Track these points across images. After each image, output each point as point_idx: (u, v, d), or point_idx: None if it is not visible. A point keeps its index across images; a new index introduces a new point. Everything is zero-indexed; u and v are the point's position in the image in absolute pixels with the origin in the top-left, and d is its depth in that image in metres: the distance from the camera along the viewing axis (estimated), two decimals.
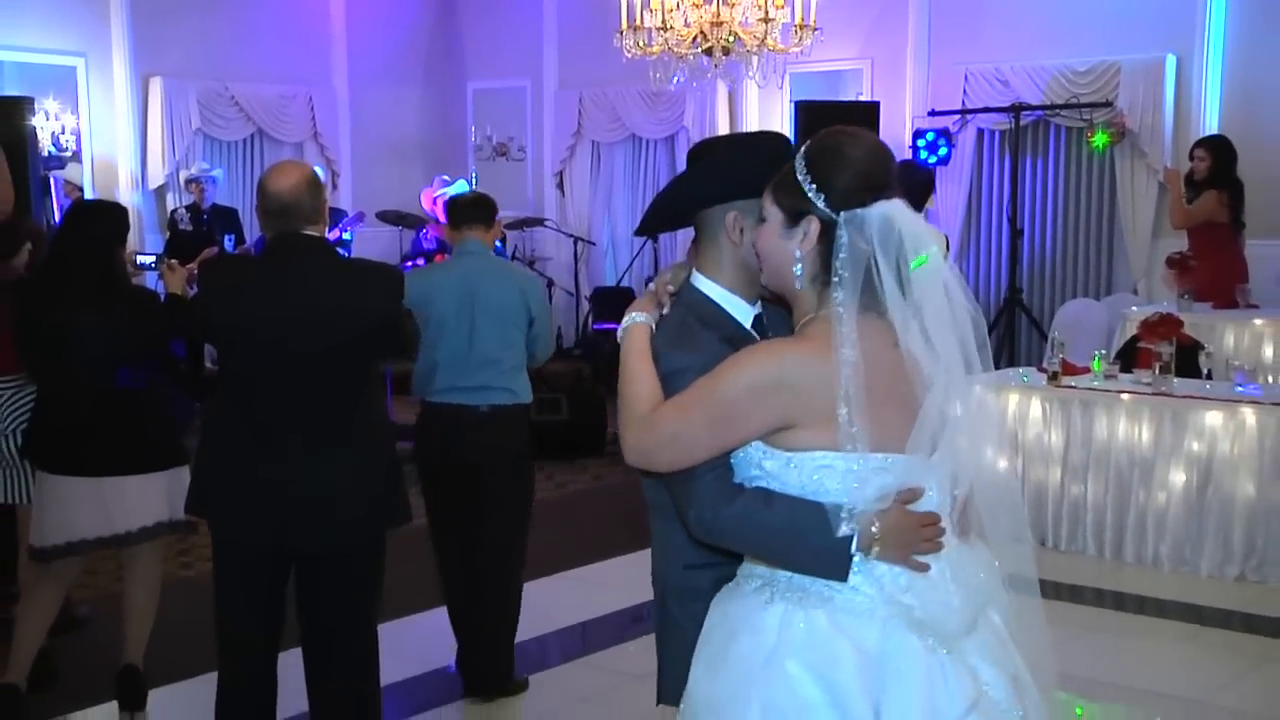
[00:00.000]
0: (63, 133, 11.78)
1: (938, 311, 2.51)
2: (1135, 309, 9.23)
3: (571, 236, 13.72)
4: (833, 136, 2.57)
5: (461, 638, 5.53)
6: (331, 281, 4.14)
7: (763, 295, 2.75)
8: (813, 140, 2.58)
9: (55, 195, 10.64)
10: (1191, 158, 9.36)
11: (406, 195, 13.86)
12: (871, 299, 2.48)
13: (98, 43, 11.97)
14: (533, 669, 5.66)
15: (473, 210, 5.53)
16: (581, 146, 14.07)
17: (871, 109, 11.13)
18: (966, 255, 11.79)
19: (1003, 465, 2.78)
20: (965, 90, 11.47)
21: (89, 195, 11.22)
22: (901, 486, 2.49)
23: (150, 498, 5.04)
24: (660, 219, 2.95)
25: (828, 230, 2.51)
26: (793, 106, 11.55)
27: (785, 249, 2.56)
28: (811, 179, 2.51)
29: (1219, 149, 9.23)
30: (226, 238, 11.23)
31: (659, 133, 13.54)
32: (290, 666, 4.41)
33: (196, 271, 4.93)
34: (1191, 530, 7.00)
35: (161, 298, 5.19)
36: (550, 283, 12.39)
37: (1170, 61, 10.54)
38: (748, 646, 2.50)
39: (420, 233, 13.14)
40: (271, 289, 4.10)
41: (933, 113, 11.54)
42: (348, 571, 4.25)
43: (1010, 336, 11.05)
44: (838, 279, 2.48)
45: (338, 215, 12.15)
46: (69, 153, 11.80)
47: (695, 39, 9.82)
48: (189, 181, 11.79)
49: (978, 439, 2.62)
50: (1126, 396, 7.19)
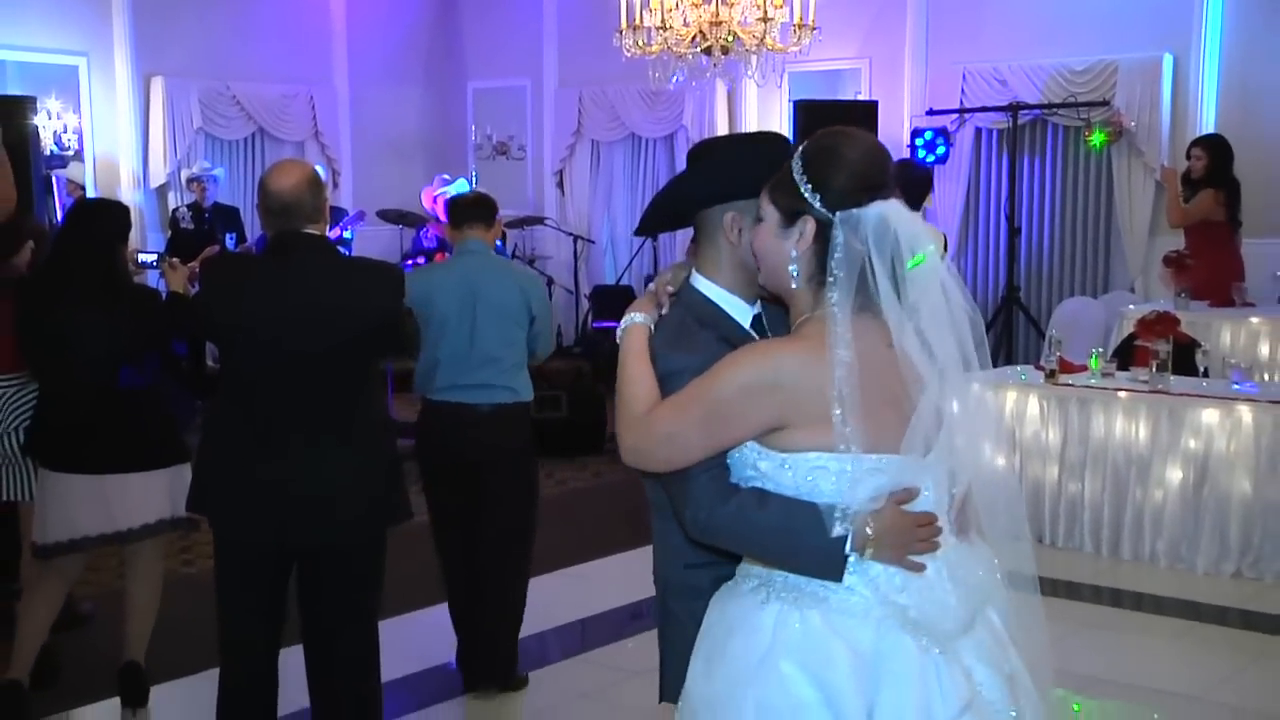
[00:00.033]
0: (65, 132, 11.78)
1: (935, 310, 2.50)
2: (1132, 307, 9.22)
3: (571, 235, 13.72)
4: (830, 137, 2.55)
5: (462, 635, 5.54)
6: (332, 280, 4.14)
7: (762, 295, 2.74)
8: (810, 141, 2.57)
9: (57, 194, 10.63)
10: (1188, 156, 9.36)
11: (407, 194, 13.87)
12: (867, 299, 2.47)
13: (99, 42, 11.98)
14: (533, 665, 5.66)
15: (473, 210, 5.54)
16: (581, 145, 14.07)
17: (870, 108, 11.12)
18: (964, 254, 11.80)
19: (1001, 463, 2.75)
20: (963, 89, 11.48)
21: (91, 194, 11.21)
22: (896, 487, 2.47)
23: (152, 495, 5.05)
24: (659, 219, 2.94)
25: (823, 230, 2.49)
26: (791, 106, 11.56)
27: (781, 249, 2.55)
28: (808, 179, 2.50)
29: (1216, 148, 9.23)
30: (228, 236, 11.25)
31: (658, 132, 13.54)
32: (292, 664, 4.41)
33: (198, 270, 4.93)
34: (1188, 527, 7.01)
35: (163, 296, 5.18)
36: (550, 281, 12.39)
37: (1167, 61, 10.56)
38: (743, 646, 2.49)
39: (421, 231, 13.15)
40: (272, 287, 4.10)
41: (931, 112, 11.55)
42: (348, 569, 4.25)
43: (1008, 335, 11.04)
44: (832, 279, 2.46)
45: (338, 214, 12.16)
46: (71, 152, 11.79)
47: (694, 38, 9.81)
48: (190, 180, 11.80)
49: (976, 437, 2.60)
50: (1123, 394, 7.20)
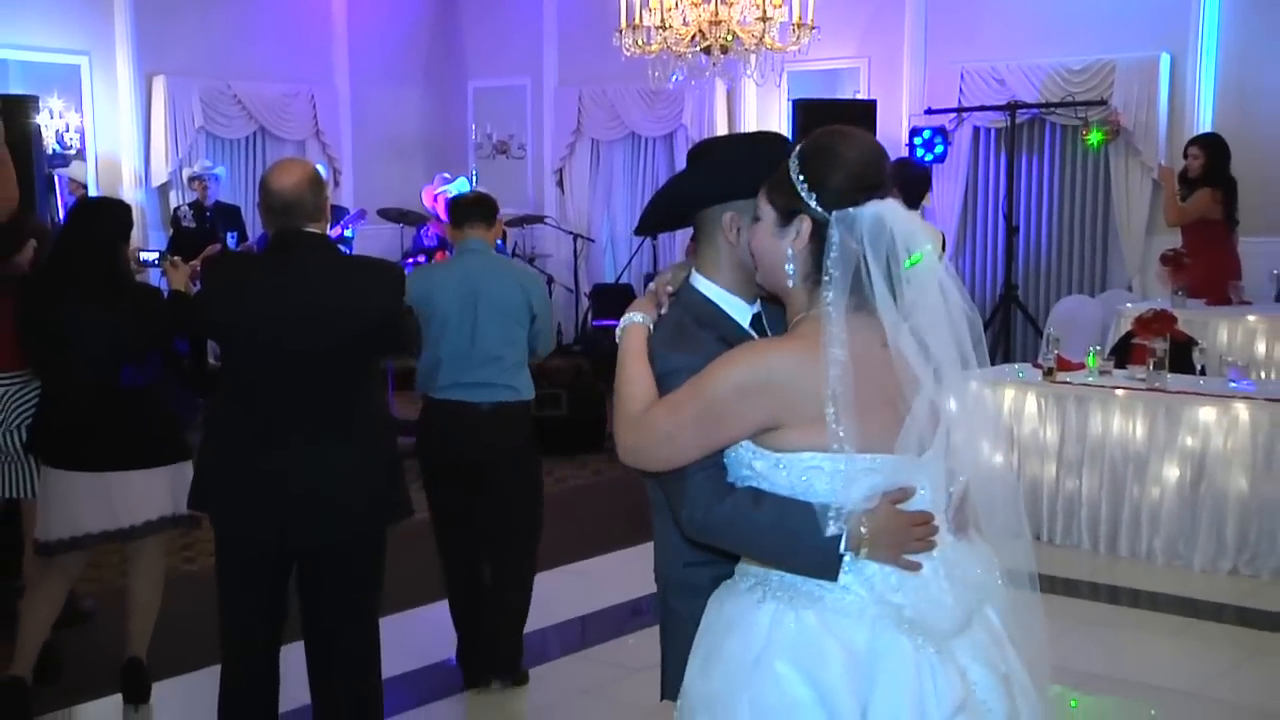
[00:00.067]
0: (67, 131, 11.80)
1: (933, 309, 2.49)
2: (1130, 305, 9.22)
3: (571, 234, 13.73)
4: (827, 136, 2.54)
5: (462, 632, 5.55)
6: (333, 279, 4.14)
7: (761, 295, 2.73)
8: (807, 140, 2.56)
9: (59, 193, 10.64)
10: (1185, 155, 9.37)
11: (407, 193, 13.89)
12: (862, 298, 2.46)
13: (101, 41, 12.00)
14: (533, 662, 5.67)
15: (474, 209, 5.55)
16: (581, 144, 14.08)
17: (868, 107, 11.11)
18: (962, 252, 11.81)
19: (999, 460, 2.74)
20: (961, 89, 11.50)
21: (93, 193, 11.22)
22: (891, 486, 2.47)
23: (153, 492, 5.06)
24: (659, 218, 2.93)
25: (819, 229, 2.48)
26: (790, 105, 11.56)
27: (778, 248, 2.54)
28: (804, 178, 2.49)
29: (1213, 147, 9.24)
30: (229, 235, 11.27)
31: (658, 131, 13.56)
32: (294, 661, 4.42)
33: (199, 268, 4.93)
34: (1185, 524, 7.02)
35: (165, 295, 5.19)
36: (550, 280, 12.38)
37: (1164, 60, 10.58)
38: (739, 645, 2.49)
39: (421, 230, 13.18)
40: (273, 286, 4.10)
41: (929, 111, 11.57)
42: (349, 568, 4.25)
43: (1006, 333, 11.06)
44: (828, 278, 2.45)
45: (339, 213, 12.18)
46: (73, 151, 11.81)
47: (694, 38, 9.83)
48: (192, 179, 11.82)
49: (974, 435, 2.60)
50: (1121, 392, 7.21)
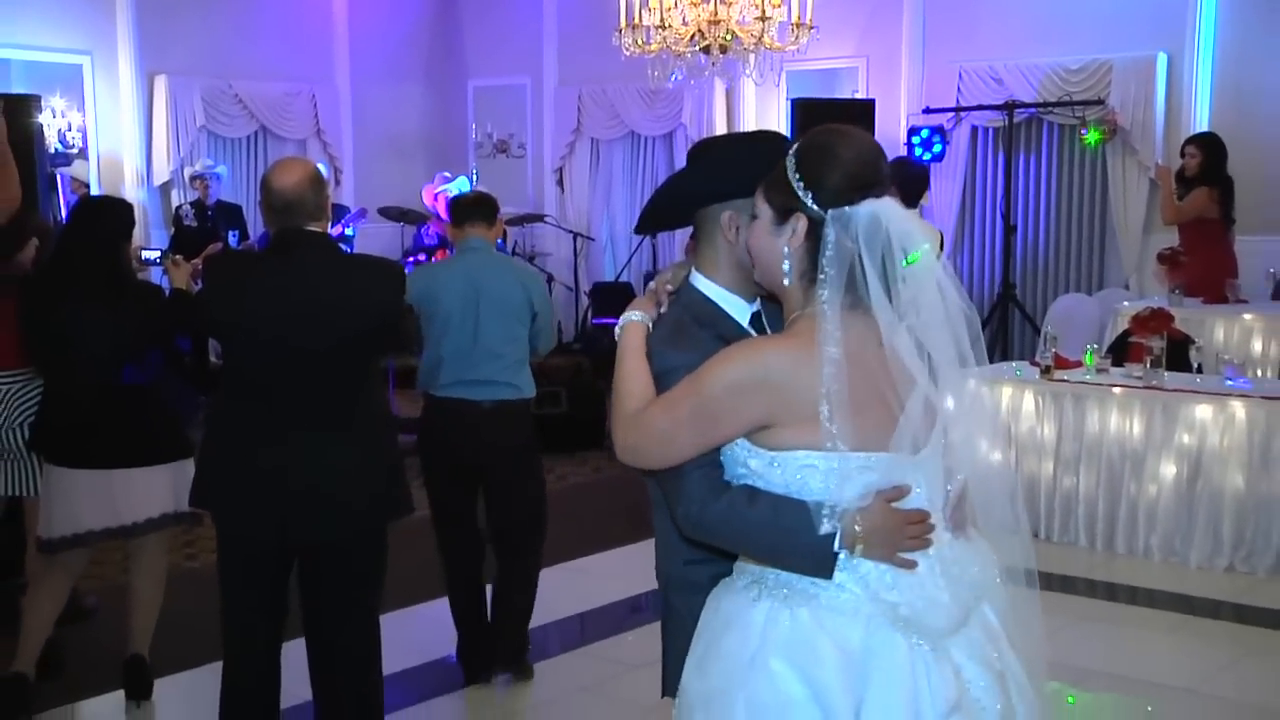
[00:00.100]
0: (69, 130, 11.82)
1: (931, 308, 2.48)
2: (1127, 304, 9.25)
3: (571, 232, 13.73)
4: (823, 135, 2.54)
5: (462, 629, 5.58)
6: (334, 277, 4.15)
7: (761, 293, 2.73)
8: (804, 138, 2.56)
9: (61, 192, 10.69)
10: (1182, 154, 9.38)
11: (408, 191, 13.91)
12: (857, 297, 2.46)
13: (103, 41, 12.02)
14: (533, 658, 5.68)
15: (475, 208, 5.58)
16: (581, 143, 14.08)
17: (867, 106, 11.10)
18: (961, 251, 11.82)
19: (997, 458, 2.73)
20: (959, 88, 11.51)
21: (95, 192, 11.23)
22: (886, 485, 2.46)
23: (156, 490, 5.08)
24: (658, 217, 2.94)
25: (815, 228, 2.48)
26: (789, 104, 11.55)
27: (774, 246, 2.54)
28: (801, 177, 2.48)
29: (1209, 146, 9.25)
30: (230, 233, 11.28)
31: (657, 130, 13.56)
32: (295, 657, 4.43)
33: (201, 267, 4.95)
34: (1182, 522, 7.04)
35: (166, 293, 5.22)
36: (550, 278, 12.39)
37: (1161, 60, 10.59)
38: (736, 643, 2.49)
39: (421, 228, 13.21)
40: (274, 285, 4.11)
41: (927, 110, 11.57)
42: (350, 565, 4.26)
43: (1003, 331, 11.07)
44: (823, 276, 2.45)
45: (340, 211, 12.20)
46: (75, 150, 11.83)
47: (693, 37, 9.83)
48: (193, 178, 11.83)
49: (972, 433, 2.59)
50: (1118, 390, 7.23)
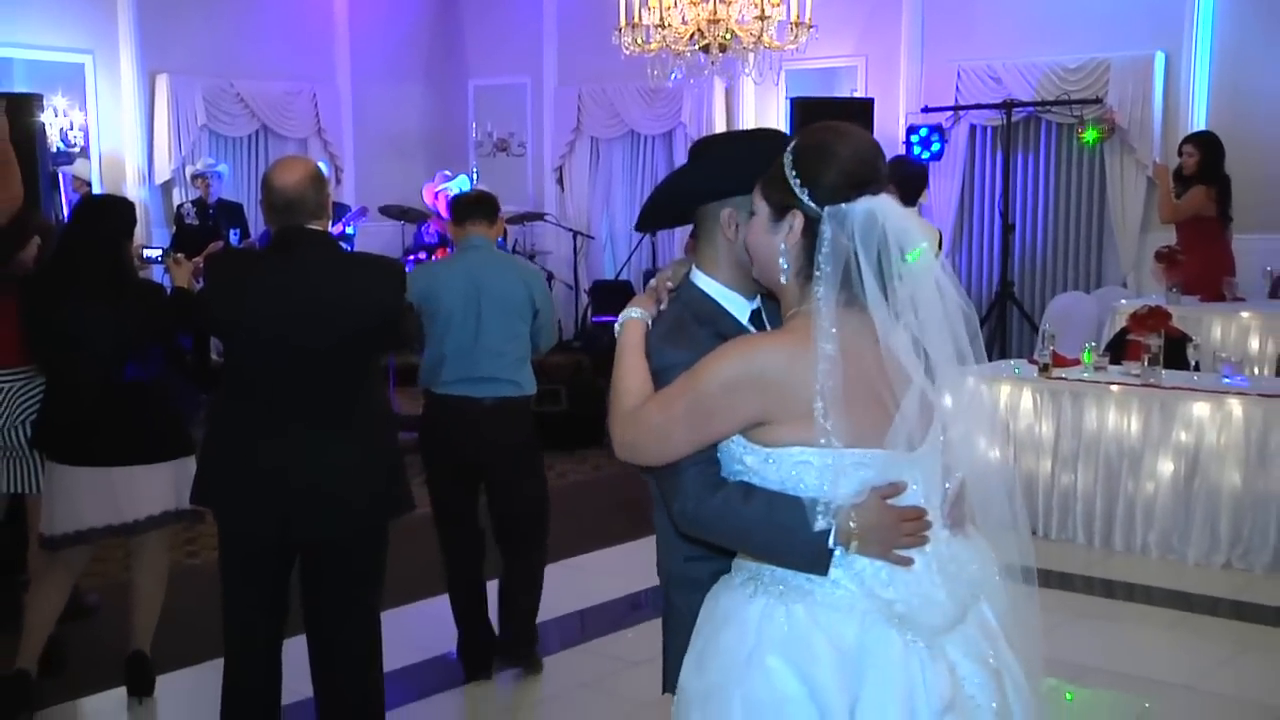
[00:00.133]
0: (71, 129, 11.82)
1: (930, 306, 2.48)
2: (1124, 302, 9.26)
3: (571, 231, 13.73)
4: (821, 133, 2.54)
5: (463, 626, 5.60)
6: (335, 276, 4.16)
7: (761, 291, 2.73)
8: (802, 136, 2.57)
9: (63, 191, 10.69)
10: (1180, 153, 9.37)
11: (409, 190, 13.93)
12: (854, 294, 2.46)
13: (105, 40, 12.03)
14: None
15: (476, 207, 5.60)
16: (581, 142, 14.09)
17: (866, 105, 11.09)
18: (959, 249, 11.83)
19: (995, 455, 2.74)
20: (958, 87, 11.51)
21: (96, 190, 11.25)
22: (881, 482, 2.46)
23: (157, 487, 5.09)
24: (658, 214, 2.95)
25: (812, 225, 2.48)
26: (788, 103, 11.55)
27: (771, 243, 2.55)
28: (798, 174, 2.49)
29: (1207, 144, 9.24)
30: (232, 232, 11.30)
31: (657, 129, 13.56)
32: (297, 654, 4.44)
33: (202, 265, 4.98)
34: (1179, 519, 7.06)
35: (168, 291, 5.23)
36: (550, 276, 12.40)
37: (1159, 59, 10.59)
38: (733, 640, 2.49)
39: (422, 227, 13.23)
40: (275, 283, 4.13)
41: (926, 109, 11.57)
42: (350, 563, 4.27)
43: (1002, 329, 11.07)
44: (819, 273, 2.46)
45: (341, 210, 12.21)
46: (77, 148, 11.84)
47: (692, 36, 9.84)
48: (195, 177, 11.85)
49: (971, 430, 2.59)
50: (1116, 388, 7.25)
